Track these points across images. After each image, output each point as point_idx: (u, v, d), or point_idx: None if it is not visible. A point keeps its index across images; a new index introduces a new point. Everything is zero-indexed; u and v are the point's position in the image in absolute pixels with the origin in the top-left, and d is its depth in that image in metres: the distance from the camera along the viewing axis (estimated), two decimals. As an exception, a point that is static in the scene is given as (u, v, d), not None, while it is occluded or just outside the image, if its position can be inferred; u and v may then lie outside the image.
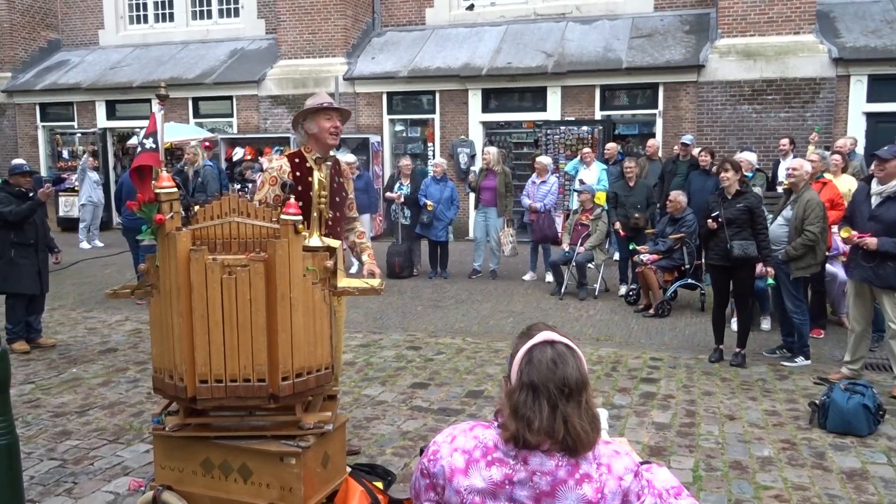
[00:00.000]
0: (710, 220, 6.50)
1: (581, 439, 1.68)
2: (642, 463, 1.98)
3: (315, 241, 3.27)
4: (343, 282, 3.53)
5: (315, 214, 3.36)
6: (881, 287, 5.60)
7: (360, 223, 4.50)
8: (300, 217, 3.12)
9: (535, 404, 1.69)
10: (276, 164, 4.04)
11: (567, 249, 9.48)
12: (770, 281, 6.66)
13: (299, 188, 3.84)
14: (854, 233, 5.65)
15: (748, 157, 9.32)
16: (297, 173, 3.99)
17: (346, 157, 11.30)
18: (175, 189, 3.17)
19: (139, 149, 3.31)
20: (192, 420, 3.27)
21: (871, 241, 5.46)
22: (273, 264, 3.06)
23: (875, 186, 5.67)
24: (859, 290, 5.84)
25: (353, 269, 10.59)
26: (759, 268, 6.44)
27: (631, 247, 9.02)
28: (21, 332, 7.07)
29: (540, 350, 1.74)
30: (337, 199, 4.15)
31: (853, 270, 5.80)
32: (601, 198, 9.86)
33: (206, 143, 12.13)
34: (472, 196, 12.14)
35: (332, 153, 4.21)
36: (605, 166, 10.75)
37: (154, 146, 3.22)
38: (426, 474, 1.81)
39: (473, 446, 1.76)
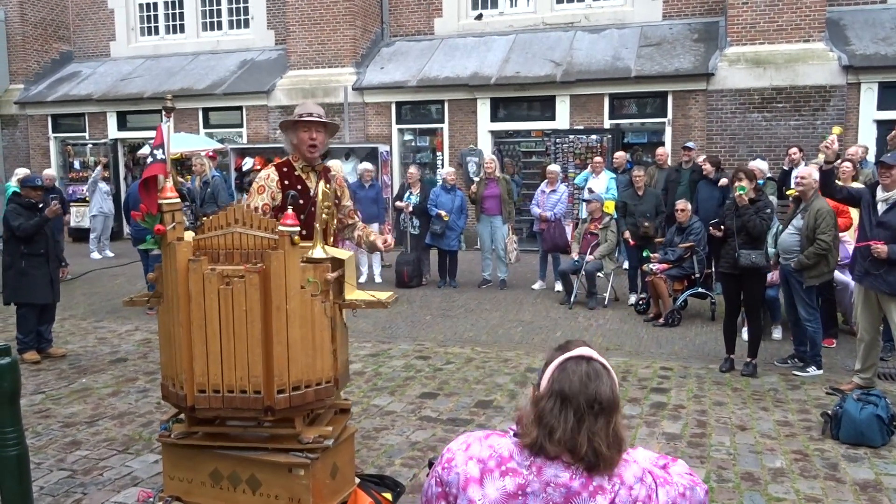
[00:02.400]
0: (711, 228, 6.51)
1: (604, 458, 1.66)
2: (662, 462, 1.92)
3: (318, 252, 3.25)
4: (350, 296, 3.50)
5: (318, 226, 3.34)
6: (890, 294, 5.55)
7: (359, 226, 4.31)
8: (297, 228, 3.10)
9: (560, 414, 1.67)
10: (264, 173, 3.95)
11: (577, 258, 9.46)
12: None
13: (301, 201, 3.79)
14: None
15: (759, 166, 9.28)
16: (286, 182, 3.90)
17: (361, 167, 11.33)
18: (178, 200, 3.18)
19: (150, 159, 3.33)
20: (197, 428, 3.27)
21: (882, 249, 5.42)
22: (269, 275, 3.05)
23: (881, 193, 5.63)
24: (867, 299, 5.79)
25: (363, 279, 10.60)
26: (771, 276, 6.41)
27: (645, 253, 8.98)
28: (32, 342, 7.11)
29: (575, 363, 1.73)
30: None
31: (861, 277, 5.76)
32: (610, 206, 9.84)
33: (211, 154, 12.17)
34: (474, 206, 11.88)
35: (331, 161, 4.15)
36: (614, 175, 10.73)
37: (163, 158, 3.24)
38: (440, 482, 1.79)
39: (488, 455, 1.74)
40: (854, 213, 6.99)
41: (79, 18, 18.89)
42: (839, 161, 7.64)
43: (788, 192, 8.21)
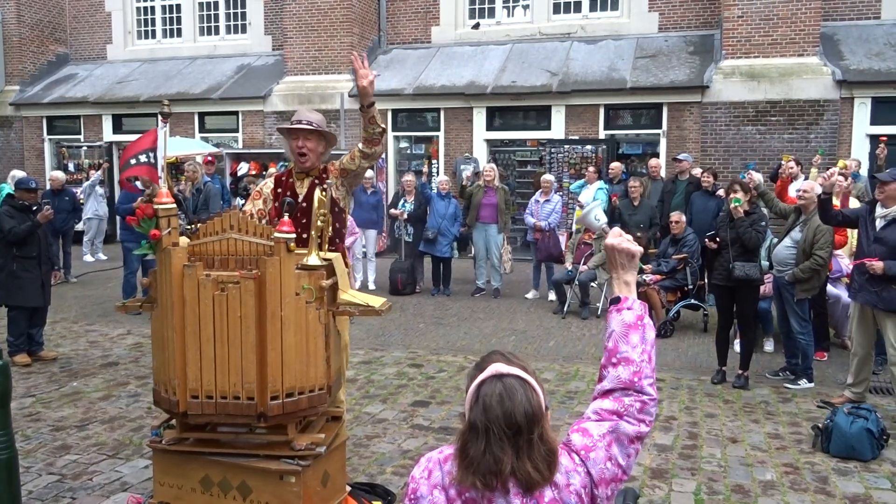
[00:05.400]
0: (707, 240, 6.54)
1: (532, 479, 1.63)
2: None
3: (314, 259, 3.26)
4: (345, 296, 3.50)
5: (314, 233, 3.34)
6: (886, 311, 5.57)
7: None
8: (293, 235, 3.11)
9: (478, 444, 1.64)
10: (264, 181, 4.20)
11: (570, 268, 9.48)
12: None
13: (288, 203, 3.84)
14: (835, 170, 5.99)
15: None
16: (278, 189, 4.07)
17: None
18: (174, 205, 3.19)
19: (133, 160, 3.34)
20: (188, 434, 3.26)
21: (878, 265, 5.43)
22: (264, 282, 3.06)
23: (879, 209, 5.66)
24: (862, 315, 5.81)
25: (356, 285, 10.59)
26: (763, 288, 6.43)
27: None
28: (23, 344, 7.07)
29: (488, 386, 1.68)
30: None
31: (857, 293, 5.78)
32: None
33: (208, 159, 12.13)
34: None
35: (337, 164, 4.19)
36: (604, 186, 10.76)
37: (148, 160, 3.25)
38: None
39: (449, 482, 1.71)
40: (850, 230, 7.04)
41: (76, 21, 18.87)
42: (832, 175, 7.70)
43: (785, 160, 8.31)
